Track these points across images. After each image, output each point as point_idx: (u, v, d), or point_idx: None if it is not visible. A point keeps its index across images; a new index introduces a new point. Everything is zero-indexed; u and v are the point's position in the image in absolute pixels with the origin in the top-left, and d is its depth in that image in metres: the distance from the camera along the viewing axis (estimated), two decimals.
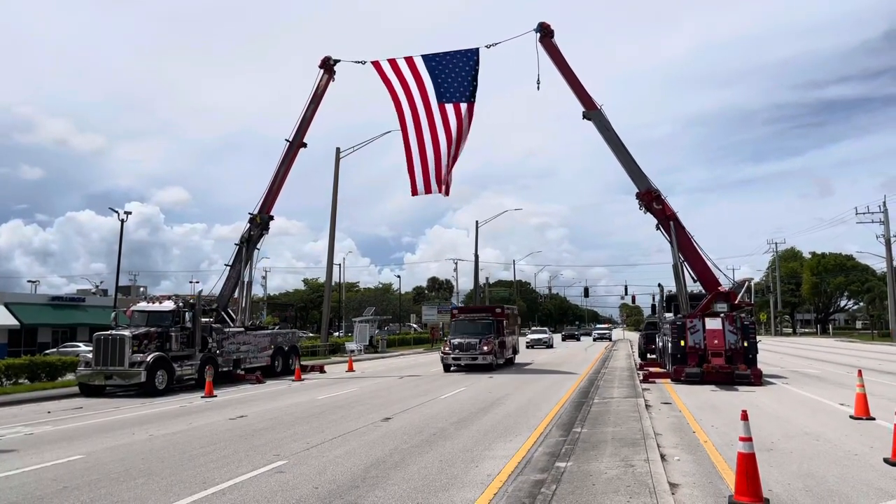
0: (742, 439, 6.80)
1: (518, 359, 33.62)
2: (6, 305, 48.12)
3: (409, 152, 25.50)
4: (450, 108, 25.04)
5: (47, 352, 38.33)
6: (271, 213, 27.61)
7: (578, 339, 76.36)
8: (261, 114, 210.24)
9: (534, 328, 67.99)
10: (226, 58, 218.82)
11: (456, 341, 27.63)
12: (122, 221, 42.69)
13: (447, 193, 25.74)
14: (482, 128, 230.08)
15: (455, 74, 25.07)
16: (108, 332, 20.63)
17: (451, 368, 27.61)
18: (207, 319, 23.95)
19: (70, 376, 23.21)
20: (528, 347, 49.32)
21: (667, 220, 22.31)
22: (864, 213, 62.03)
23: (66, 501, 7.60)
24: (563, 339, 74.74)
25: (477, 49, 25.26)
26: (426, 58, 25.25)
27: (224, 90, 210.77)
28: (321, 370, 28.88)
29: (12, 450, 11.08)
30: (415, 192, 25.65)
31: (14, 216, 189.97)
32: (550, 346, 52.96)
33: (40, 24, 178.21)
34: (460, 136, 25.03)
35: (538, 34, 23.85)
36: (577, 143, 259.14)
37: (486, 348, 27.16)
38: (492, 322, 28.76)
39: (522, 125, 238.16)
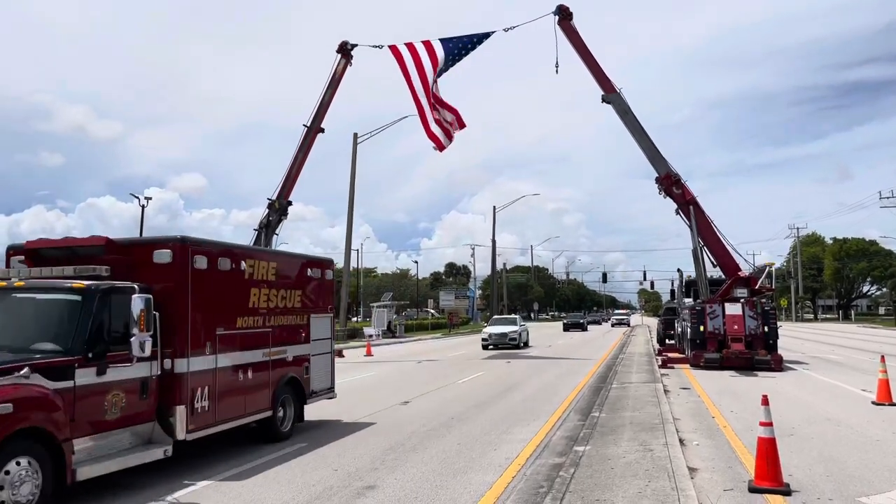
0: (762, 424, 6.77)
1: (351, 403, 13.51)
2: None
3: (429, 132, 25.41)
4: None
5: None
6: (289, 199, 27.69)
7: (585, 329, 58.48)
8: (278, 100, 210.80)
9: (495, 317, 43.11)
10: (243, 44, 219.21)
11: None
12: (143, 207, 43.14)
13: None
14: (497, 113, 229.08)
15: (466, 55, 25.01)
16: None
17: None
18: None
19: None
20: (485, 347, 32.40)
21: (686, 204, 22.10)
22: (888, 198, 61.12)
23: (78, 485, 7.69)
24: (566, 329, 57.19)
25: (493, 32, 25.08)
26: (444, 41, 25.08)
27: (241, 76, 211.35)
28: (339, 354, 28.89)
29: None
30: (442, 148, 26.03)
31: (36, 202, 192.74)
32: (521, 346, 33.00)
33: (57, 11, 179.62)
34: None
35: (556, 17, 23.58)
36: (593, 127, 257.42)
37: None
38: (77, 305, 7.19)
39: (537, 109, 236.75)
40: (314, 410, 11.38)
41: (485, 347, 32.52)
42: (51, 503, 6.18)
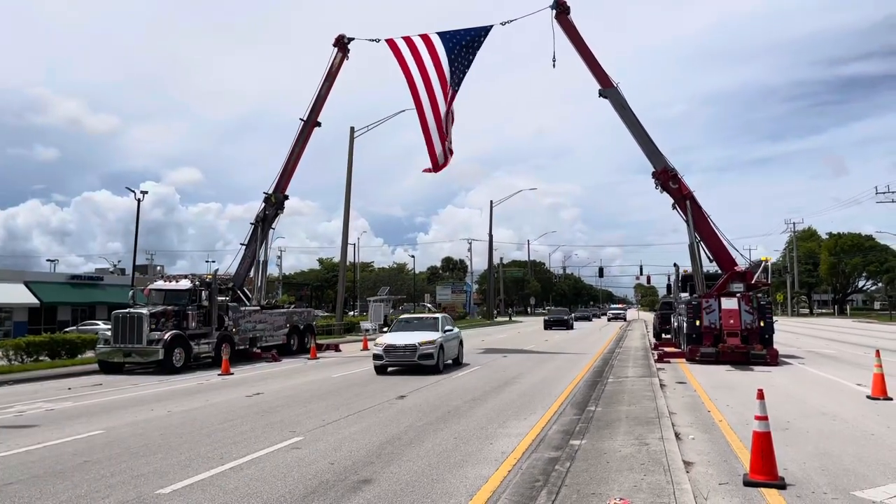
0: (758, 418, 6.78)
1: None
2: (26, 284, 48.70)
3: (426, 130, 25.39)
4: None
5: (67, 330, 38.86)
6: (286, 193, 27.67)
7: (570, 328, 49.84)
8: (275, 94, 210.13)
9: (403, 317, 23.26)
10: (240, 38, 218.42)
11: None
12: (139, 201, 42.97)
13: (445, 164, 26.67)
14: (494, 107, 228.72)
15: (468, 53, 24.92)
16: (127, 311, 20.85)
17: None
18: (224, 298, 24.14)
19: (90, 354, 23.54)
20: (379, 370, 18.61)
21: (683, 199, 22.13)
22: (884, 193, 61.36)
23: (86, 475, 7.72)
24: (547, 327, 49.32)
25: (491, 26, 25.03)
26: (442, 35, 25.02)
27: (238, 70, 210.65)
28: (336, 349, 29.09)
29: (34, 425, 11.28)
30: (437, 170, 26.26)
31: (32, 196, 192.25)
32: (445, 366, 19.26)
33: (53, 3, 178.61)
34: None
35: (554, 10, 23.56)
36: (590, 122, 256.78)
37: None
38: None
39: (534, 104, 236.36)
40: (306, 405, 11.33)
41: (379, 370, 18.66)
42: None
